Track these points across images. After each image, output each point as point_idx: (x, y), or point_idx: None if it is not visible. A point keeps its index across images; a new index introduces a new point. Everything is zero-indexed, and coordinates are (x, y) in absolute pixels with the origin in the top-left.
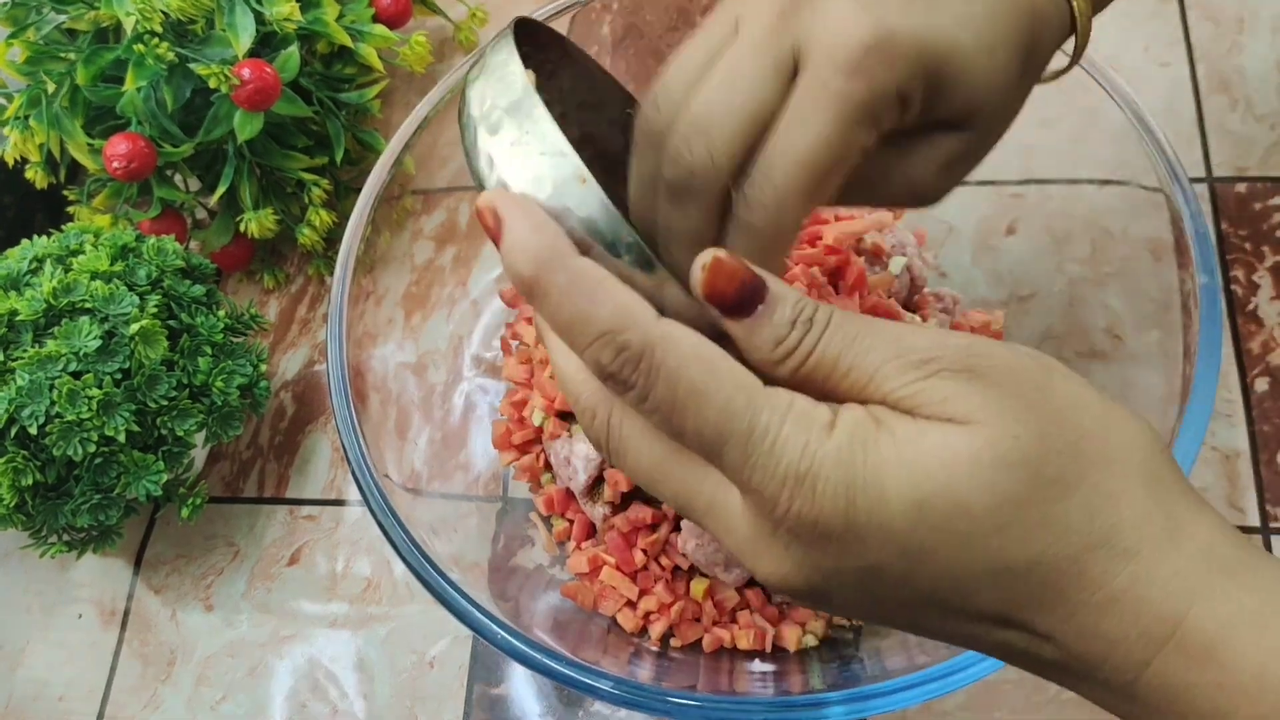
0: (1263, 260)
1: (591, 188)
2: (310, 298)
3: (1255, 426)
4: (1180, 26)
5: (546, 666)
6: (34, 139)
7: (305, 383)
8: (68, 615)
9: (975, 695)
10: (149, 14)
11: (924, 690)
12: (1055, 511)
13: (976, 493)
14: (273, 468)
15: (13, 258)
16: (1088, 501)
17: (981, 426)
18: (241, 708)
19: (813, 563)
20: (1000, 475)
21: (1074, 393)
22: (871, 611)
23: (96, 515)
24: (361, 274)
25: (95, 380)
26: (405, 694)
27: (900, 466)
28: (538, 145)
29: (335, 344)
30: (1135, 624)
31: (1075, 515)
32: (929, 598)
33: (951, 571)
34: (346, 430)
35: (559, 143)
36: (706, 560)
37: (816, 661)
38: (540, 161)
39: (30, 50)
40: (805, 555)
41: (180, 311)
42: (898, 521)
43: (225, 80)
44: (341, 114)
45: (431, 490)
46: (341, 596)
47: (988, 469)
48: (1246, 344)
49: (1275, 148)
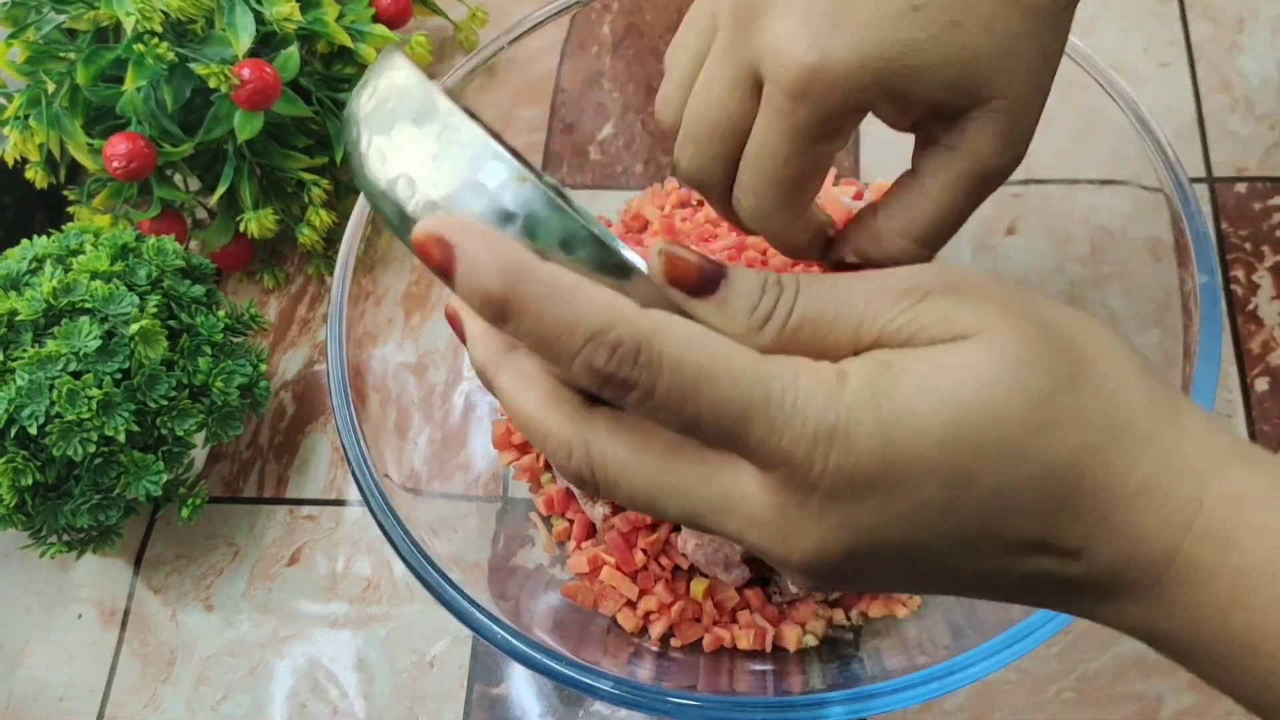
0: (1263, 260)
1: (533, 185)
2: (310, 297)
3: (1255, 427)
4: (1180, 26)
5: (546, 666)
6: (34, 139)
7: (305, 382)
8: (67, 615)
9: (975, 695)
10: (149, 14)
11: (924, 690)
12: (1079, 405)
13: (1007, 399)
14: (273, 468)
15: (12, 258)
16: (1100, 392)
17: (991, 333)
18: (241, 708)
19: (852, 524)
20: (1024, 375)
21: (1043, 299)
22: (910, 571)
23: (96, 515)
24: (361, 274)
25: (95, 380)
26: (405, 694)
27: (926, 395)
28: (461, 151)
29: (335, 344)
30: (1161, 512)
31: (1093, 408)
32: (970, 532)
33: (995, 490)
34: (346, 430)
35: (485, 143)
36: (706, 560)
37: (816, 661)
38: (468, 168)
39: (30, 50)
40: (843, 517)
41: (180, 311)
42: (936, 451)
43: (225, 80)
44: (341, 114)
45: (431, 490)
46: (341, 596)
47: (1011, 372)
48: (1247, 344)
49: (1275, 148)
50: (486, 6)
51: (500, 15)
